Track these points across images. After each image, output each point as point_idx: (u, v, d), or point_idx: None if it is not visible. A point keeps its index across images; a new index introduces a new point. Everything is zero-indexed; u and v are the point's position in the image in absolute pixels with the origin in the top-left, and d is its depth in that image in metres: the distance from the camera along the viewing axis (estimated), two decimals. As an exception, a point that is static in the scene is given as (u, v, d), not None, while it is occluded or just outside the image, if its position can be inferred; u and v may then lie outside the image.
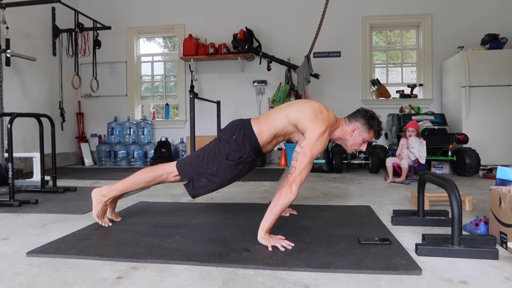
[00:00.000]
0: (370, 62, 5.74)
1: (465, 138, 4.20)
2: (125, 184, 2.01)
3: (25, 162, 4.89)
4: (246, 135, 1.86)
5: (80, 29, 5.35)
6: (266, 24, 5.81)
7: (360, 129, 1.90)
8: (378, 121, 1.93)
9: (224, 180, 1.90)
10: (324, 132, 1.78)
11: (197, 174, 1.89)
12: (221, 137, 1.92)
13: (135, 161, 5.92)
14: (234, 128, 1.90)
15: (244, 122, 1.92)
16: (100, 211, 2.03)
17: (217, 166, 1.86)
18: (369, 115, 1.91)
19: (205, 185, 1.89)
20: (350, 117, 1.96)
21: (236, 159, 1.85)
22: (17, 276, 1.36)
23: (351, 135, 1.91)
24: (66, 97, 5.89)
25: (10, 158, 2.74)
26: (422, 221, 2.02)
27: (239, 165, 1.86)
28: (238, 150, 1.85)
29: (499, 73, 4.71)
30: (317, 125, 1.78)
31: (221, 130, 1.99)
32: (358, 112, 1.94)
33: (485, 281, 1.29)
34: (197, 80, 6.03)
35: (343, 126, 1.93)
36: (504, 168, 2.04)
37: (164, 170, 1.96)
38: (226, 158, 1.85)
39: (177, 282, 1.29)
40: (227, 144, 1.87)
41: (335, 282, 1.29)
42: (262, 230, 1.67)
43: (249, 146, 1.85)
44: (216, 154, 1.87)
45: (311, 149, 1.74)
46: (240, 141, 1.85)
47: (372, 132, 1.91)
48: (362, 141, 1.92)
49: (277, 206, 1.67)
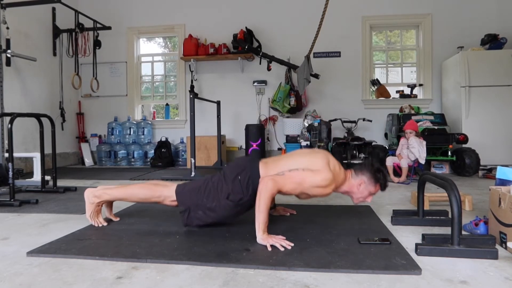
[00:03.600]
0: (370, 62, 5.74)
1: (465, 138, 4.20)
2: (120, 193, 1.99)
3: (26, 162, 4.89)
4: (251, 178, 1.84)
5: (80, 29, 5.36)
6: (266, 24, 5.81)
7: (366, 183, 1.89)
8: (384, 174, 1.91)
9: (220, 217, 1.88)
10: (330, 184, 1.77)
11: (195, 205, 1.86)
12: (226, 174, 1.89)
13: (135, 161, 5.92)
14: (241, 168, 1.88)
15: (252, 164, 1.89)
16: (93, 212, 2.02)
17: (217, 202, 1.84)
18: (375, 169, 1.90)
19: (200, 217, 1.87)
20: (357, 170, 1.94)
21: (236, 201, 1.83)
22: (17, 276, 1.36)
23: (357, 189, 1.90)
24: (66, 97, 5.89)
25: (11, 158, 2.74)
26: (422, 221, 2.02)
27: (238, 206, 1.85)
28: (240, 192, 1.83)
29: (499, 73, 4.71)
30: (327, 172, 1.77)
31: (227, 165, 1.96)
32: (365, 166, 1.93)
33: (485, 281, 1.29)
34: (197, 80, 6.02)
35: (350, 180, 1.92)
36: (503, 168, 2.04)
37: (162, 193, 1.93)
38: (227, 198, 1.83)
39: (177, 282, 1.29)
40: (231, 183, 1.84)
41: (335, 282, 1.29)
42: (258, 231, 1.68)
43: (252, 190, 1.82)
44: (218, 190, 1.85)
45: (306, 183, 1.75)
46: (244, 184, 1.83)
47: (378, 186, 1.90)
48: (368, 194, 1.92)
49: (260, 203, 1.68)
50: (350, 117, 5.27)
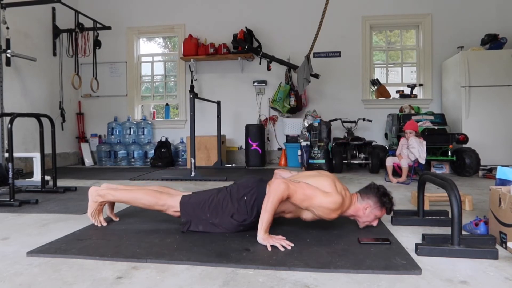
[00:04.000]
0: (370, 62, 5.74)
1: (465, 138, 4.20)
2: (124, 196, 1.99)
3: (26, 162, 4.89)
4: (257, 200, 1.83)
5: (80, 29, 5.35)
6: (266, 24, 5.81)
7: (372, 207, 1.88)
8: (389, 197, 1.90)
9: (220, 233, 1.87)
10: (338, 208, 1.76)
11: (197, 219, 1.87)
12: (233, 192, 1.89)
13: (135, 161, 5.92)
14: (249, 189, 1.87)
15: (259, 186, 1.88)
16: (95, 211, 2.02)
17: (220, 219, 1.84)
18: (381, 193, 1.88)
19: (200, 230, 1.88)
20: (362, 193, 1.92)
21: (240, 221, 1.83)
22: (17, 276, 1.36)
23: (363, 213, 1.89)
24: (66, 97, 5.89)
25: (11, 158, 2.74)
26: (422, 221, 2.02)
27: (241, 226, 1.85)
28: (244, 213, 1.83)
29: (499, 73, 4.71)
30: (337, 196, 1.75)
31: (235, 184, 1.95)
32: (370, 190, 1.91)
33: (485, 281, 1.29)
34: (197, 80, 6.02)
35: (355, 204, 1.90)
36: (504, 168, 2.04)
37: (166, 202, 1.93)
38: (231, 217, 1.83)
39: (177, 282, 1.29)
40: (236, 203, 1.84)
41: (335, 282, 1.29)
42: (260, 231, 1.68)
43: (257, 212, 1.81)
44: (223, 208, 1.85)
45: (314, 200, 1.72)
46: (250, 205, 1.83)
47: (384, 210, 1.89)
48: (374, 218, 1.91)
49: (268, 203, 1.68)
50: (350, 117, 5.28)
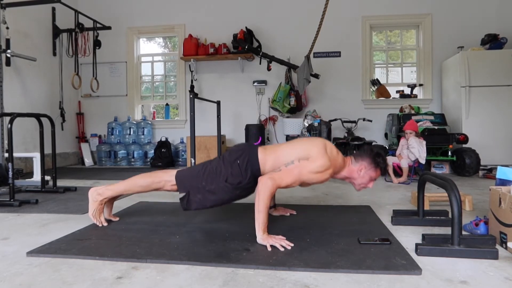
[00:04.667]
0: (370, 62, 5.74)
1: (465, 138, 4.20)
2: (121, 186, 2.01)
3: (25, 162, 4.88)
4: (250, 162, 1.85)
5: (80, 29, 5.35)
6: (266, 24, 5.81)
7: (367, 168, 1.90)
8: (384, 158, 1.93)
9: (219, 200, 1.88)
10: (327, 168, 1.78)
11: (194, 189, 1.88)
12: (225, 157, 1.91)
13: (135, 161, 5.92)
14: (240, 152, 1.89)
15: (251, 149, 1.91)
16: (96, 211, 2.03)
17: (216, 185, 1.85)
18: (375, 153, 1.91)
19: (199, 200, 1.88)
20: (356, 156, 1.96)
21: (235, 184, 1.84)
22: (17, 276, 1.36)
23: (358, 174, 1.92)
24: (66, 97, 5.89)
25: (10, 158, 2.74)
26: (422, 221, 2.02)
27: (237, 189, 1.86)
28: (239, 175, 1.84)
29: (499, 73, 4.70)
30: (324, 158, 1.78)
31: (227, 150, 1.98)
32: (364, 152, 1.94)
33: (485, 281, 1.29)
34: (197, 80, 6.02)
35: (350, 166, 1.93)
36: (504, 168, 2.04)
37: (162, 178, 1.95)
38: (226, 180, 1.84)
39: (177, 282, 1.29)
40: (230, 166, 1.86)
41: (335, 282, 1.29)
42: (258, 231, 1.68)
43: (251, 173, 1.84)
44: (217, 173, 1.86)
45: (303, 174, 1.76)
46: (243, 167, 1.85)
47: (379, 171, 1.92)
48: (369, 179, 1.93)
49: (259, 203, 1.68)
50: (350, 117, 5.27)
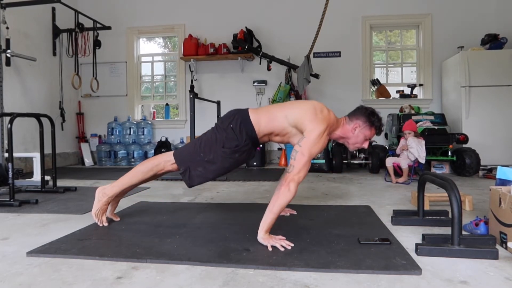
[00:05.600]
0: (370, 62, 5.74)
1: (465, 138, 4.20)
2: (124, 179, 2.03)
3: (25, 162, 4.88)
4: (243, 123, 1.86)
5: (80, 29, 5.35)
6: (266, 24, 5.81)
7: (361, 126, 1.91)
8: (378, 117, 1.93)
9: (220, 168, 1.89)
10: (324, 132, 1.79)
11: (194, 162, 1.88)
12: (218, 125, 1.93)
13: (135, 161, 5.92)
14: (232, 117, 1.90)
15: (241, 112, 1.92)
16: (100, 210, 2.03)
17: (214, 154, 1.86)
18: (369, 112, 1.92)
19: (201, 173, 1.88)
20: (351, 115, 1.96)
21: (232, 147, 1.84)
22: (17, 276, 1.36)
23: (352, 133, 1.92)
24: (66, 97, 5.89)
25: (10, 158, 2.73)
26: (422, 221, 2.02)
27: (236, 153, 1.85)
28: (234, 139, 1.84)
29: (499, 73, 4.70)
30: (317, 124, 1.78)
31: (218, 118, 1.99)
32: (358, 110, 1.95)
33: (485, 281, 1.29)
34: (197, 80, 6.03)
35: (344, 125, 1.94)
36: (504, 168, 2.04)
37: (161, 158, 1.97)
38: (223, 146, 1.85)
39: (177, 282, 1.29)
40: (224, 132, 1.87)
41: (335, 282, 1.29)
42: (261, 230, 1.68)
43: (246, 134, 1.85)
44: (213, 142, 1.87)
45: (310, 149, 1.75)
46: (237, 130, 1.85)
47: (374, 129, 1.92)
48: (364, 138, 1.93)
49: (276, 205, 1.68)
50: (350, 117, 5.26)
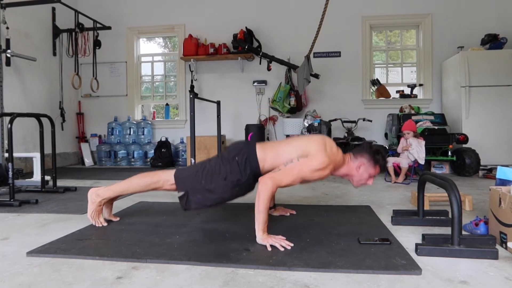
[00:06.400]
0: (370, 62, 5.74)
1: (465, 138, 4.20)
2: (120, 186, 2.01)
3: (25, 162, 4.88)
4: (248, 159, 1.84)
5: (80, 29, 5.35)
6: (266, 24, 5.81)
7: (366, 165, 1.89)
8: (383, 155, 1.91)
9: (218, 199, 1.87)
10: (326, 165, 1.77)
11: (194, 189, 1.86)
12: (224, 156, 1.90)
13: (135, 161, 5.92)
14: (238, 150, 1.89)
15: (249, 146, 1.90)
16: (94, 212, 2.03)
17: (215, 184, 1.84)
18: (374, 151, 1.90)
19: (199, 200, 1.87)
20: (355, 153, 1.94)
21: (234, 181, 1.83)
22: (17, 276, 1.36)
23: (357, 171, 1.90)
24: (66, 97, 5.89)
25: (10, 158, 2.74)
26: (422, 221, 2.02)
27: (236, 187, 1.85)
28: (238, 173, 1.83)
29: (499, 73, 4.70)
30: (322, 155, 1.77)
31: (225, 148, 1.97)
32: (363, 148, 1.93)
33: (485, 281, 1.29)
34: (197, 80, 6.02)
35: (349, 163, 1.92)
36: (504, 168, 2.04)
37: (161, 177, 1.94)
38: (225, 179, 1.83)
39: (177, 282, 1.29)
40: (228, 164, 1.85)
41: (335, 282, 1.29)
42: (258, 232, 1.68)
43: (250, 171, 1.83)
44: (216, 172, 1.85)
45: (303, 172, 1.75)
46: (242, 165, 1.84)
47: (378, 167, 1.90)
48: (368, 176, 1.92)
49: (259, 203, 1.68)
50: (350, 117, 5.27)
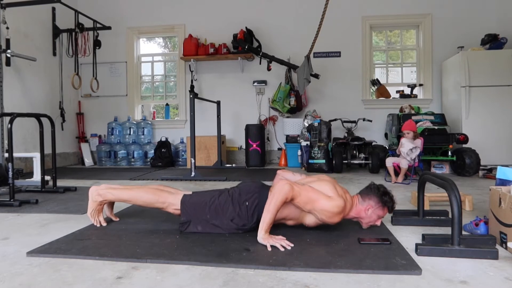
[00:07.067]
0: (370, 62, 5.74)
1: (465, 138, 4.20)
2: (124, 195, 1.99)
3: (25, 162, 4.88)
4: (258, 206, 1.83)
5: (80, 29, 5.35)
6: (266, 24, 5.81)
7: (374, 207, 1.87)
8: (390, 196, 1.89)
9: (218, 232, 1.87)
10: (341, 212, 1.75)
11: (197, 219, 1.87)
12: (234, 196, 1.88)
13: (135, 161, 5.92)
14: (251, 194, 1.87)
15: (262, 192, 1.87)
16: (94, 210, 2.02)
17: (220, 221, 1.85)
18: (382, 193, 1.88)
19: (199, 230, 1.88)
20: (363, 194, 1.92)
21: (239, 225, 1.84)
22: (17, 276, 1.36)
23: (365, 213, 1.88)
24: (66, 97, 5.89)
25: (10, 158, 2.73)
26: (422, 221, 2.02)
27: (240, 230, 1.86)
28: (245, 218, 1.83)
29: (499, 73, 4.70)
30: (341, 201, 1.74)
31: (238, 187, 1.94)
32: (371, 190, 1.91)
33: (485, 281, 1.29)
34: (197, 80, 6.02)
35: (357, 206, 1.90)
36: (504, 168, 2.04)
37: (167, 199, 1.93)
38: (232, 220, 1.84)
39: (177, 282, 1.29)
40: (238, 207, 1.84)
41: (335, 282, 1.29)
42: (261, 230, 1.68)
43: (257, 218, 1.82)
44: (224, 211, 1.85)
45: (319, 204, 1.71)
46: (251, 210, 1.83)
47: (386, 209, 1.89)
48: (377, 218, 1.91)
49: (271, 203, 1.67)
50: (350, 117, 5.28)
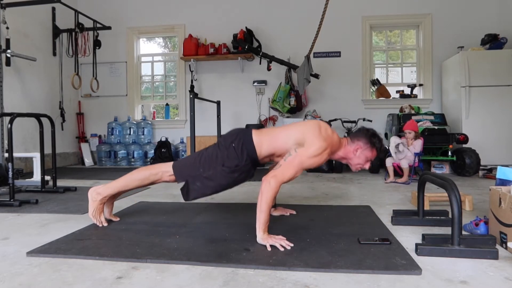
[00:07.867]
0: (370, 62, 5.74)
1: (465, 138, 4.20)
2: (120, 182, 2.02)
3: (25, 162, 4.89)
4: (245, 144, 1.87)
5: (80, 29, 5.35)
6: (266, 24, 5.81)
7: (363, 148, 1.92)
8: (379, 138, 1.95)
9: (218, 185, 1.89)
10: (324, 149, 1.80)
11: (192, 177, 1.89)
12: (220, 143, 1.93)
13: (135, 161, 5.92)
14: (235, 136, 1.92)
15: (245, 132, 1.94)
16: (96, 210, 2.03)
17: (213, 171, 1.86)
18: (371, 134, 1.94)
19: (198, 188, 1.89)
20: (352, 136, 1.98)
21: (232, 167, 1.85)
22: (17, 276, 1.36)
23: (354, 154, 1.93)
24: (66, 97, 5.89)
25: (10, 158, 2.74)
26: (422, 221, 2.02)
27: (235, 173, 1.86)
28: (235, 158, 1.85)
29: (499, 73, 4.70)
30: (319, 140, 1.79)
31: (221, 136, 1.99)
32: (360, 132, 1.97)
33: (485, 281, 1.29)
34: (197, 80, 6.02)
35: (346, 146, 1.95)
36: (504, 168, 2.04)
37: (160, 169, 1.97)
38: (223, 165, 1.85)
39: (177, 282, 1.29)
40: (226, 150, 1.88)
41: (335, 282, 1.29)
42: (259, 231, 1.68)
43: (247, 155, 1.86)
44: (213, 159, 1.88)
45: (304, 161, 1.77)
46: (239, 150, 1.86)
47: (375, 150, 1.94)
48: (365, 159, 1.94)
49: (262, 203, 1.69)
50: (350, 117, 5.28)
